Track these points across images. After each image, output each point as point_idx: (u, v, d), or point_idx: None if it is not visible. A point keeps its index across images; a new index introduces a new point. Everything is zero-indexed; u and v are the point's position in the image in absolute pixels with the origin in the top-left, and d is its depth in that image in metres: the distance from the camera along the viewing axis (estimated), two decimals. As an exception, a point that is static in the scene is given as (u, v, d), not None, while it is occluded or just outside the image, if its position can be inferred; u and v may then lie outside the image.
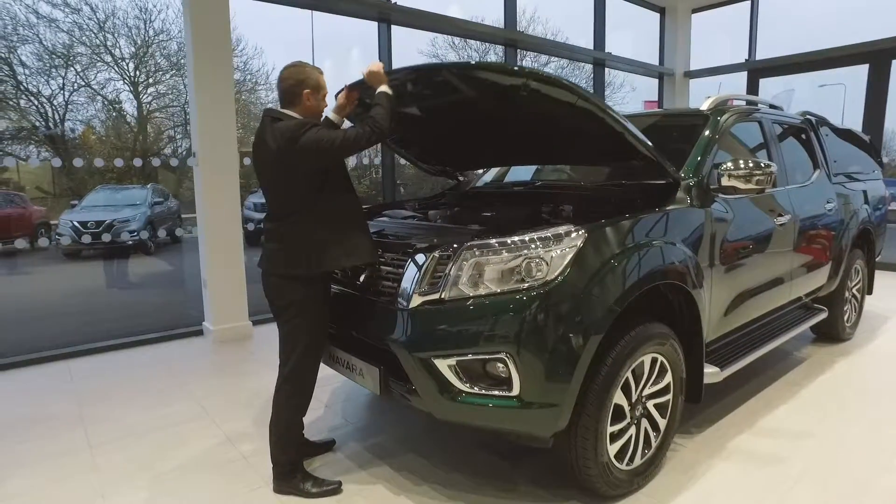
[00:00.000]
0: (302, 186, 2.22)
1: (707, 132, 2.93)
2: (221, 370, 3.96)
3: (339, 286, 2.54)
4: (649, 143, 2.38)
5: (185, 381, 3.70)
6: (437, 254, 2.11)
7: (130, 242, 7.45)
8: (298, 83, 2.26)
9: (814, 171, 3.91)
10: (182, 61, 16.69)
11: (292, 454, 2.40)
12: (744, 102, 3.59)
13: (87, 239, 9.81)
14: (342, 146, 2.17)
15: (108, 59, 15.66)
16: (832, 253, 3.88)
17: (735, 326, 3.03)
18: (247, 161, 4.93)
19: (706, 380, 2.64)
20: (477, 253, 2.05)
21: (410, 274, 2.16)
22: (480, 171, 4.07)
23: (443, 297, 2.06)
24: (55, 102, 16.10)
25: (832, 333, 4.25)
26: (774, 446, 2.73)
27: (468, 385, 2.04)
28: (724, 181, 2.69)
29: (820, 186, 3.84)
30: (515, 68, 2.20)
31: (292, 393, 2.36)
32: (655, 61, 8.81)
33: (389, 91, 2.29)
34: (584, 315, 2.02)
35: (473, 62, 3.14)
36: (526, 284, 2.01)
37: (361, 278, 2.40)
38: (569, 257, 2.03)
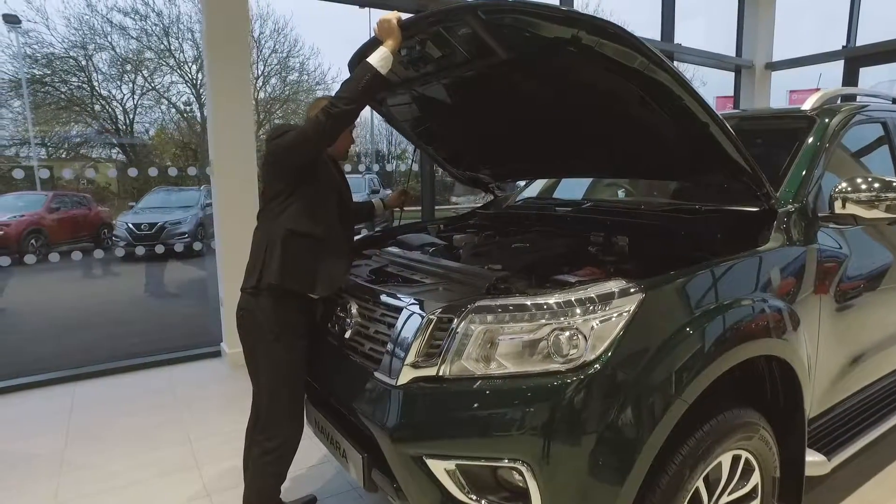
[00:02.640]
0: (269, 190, 2.02)
1: (812, 139, 2.21)
2: (227, 402, 3.59)
3: (331, 338, 2.05)
4: (744, 149, 1.73)
5: (184, 416, 3.34)
6: (435, 314, 1.57)
7: (181, 245, 7.31)
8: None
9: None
10: (241, 62, 16.94)
11: None
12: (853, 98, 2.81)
13: (139, 241, 9.93)
14: (290, 146, 1.88)
15: (172, 62, 16.09)
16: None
17: (847, 395, 2.32)
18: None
19: (808, 471, 1.97)
20: (489, 318, 1.49)
21: (401, 337, 1.62)
22: (522, 182, 3.48)
23: (441, 373, 1.52)
24: (126, 106, 16.75)
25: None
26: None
27: (473, 497, 1.49)
28: (840, 208, 1.99)
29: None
30: (563, 13, 1.56)
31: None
32: (731, 52, 7.84)
33: (386, 53, 1.80)
34: (637, 412, 1.41)
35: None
36: (554, 366, 1.43)
37: (347, 333, 1.89)
38: (616, 329, 1.43)
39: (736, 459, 1.72)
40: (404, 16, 1.83)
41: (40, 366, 4.17)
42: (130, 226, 10.07)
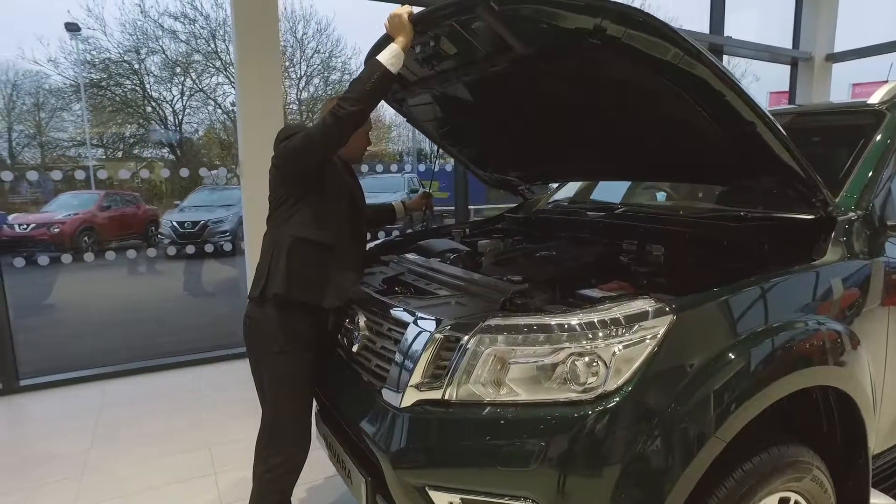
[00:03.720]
0: (276, 195, 1.96)
1: (881, 137, 1.95)
2: (250, 407, 3.51)
3: (340, 350, 1.94)
4: (797, 151, 1.52)
5: (207, 420, 3.32)
6: (442, 332, 1.43)
7: (222, 244, 7.46)
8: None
9: None
10: (285, 64, 17.25)
11: None
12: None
13: (183, 239, 10.17)
14: (297, 150, 1.78)
15: (218, 63, 16.52)
16: None
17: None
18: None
19: (870, 515, 1.74)
20: (499, 338, 1.35)
21: (406, 356, 1.50)
22: (555, 184, 3.30)
23: (447, 397, 1.38)
24: (175, 107, 17.32)
25: None
26: None
27: (479, 535, 1.35)
28: (913, 216, 1.75)
29: None
30: (584, 1, 1.38)
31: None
32: (787, 43, 7.37)
33: (397, 51, 1.70)
34: (664, 452, 1.24)
35: None
36: (572, 395, 1.27)
37: (355, 347, 1.78)
38: (642, 356, 1.26)
39: (783, 502, 1.51)
40: (417, 8, 1.70)
41: (79, 362, 4.27)
42: (175, 224, 10.33)
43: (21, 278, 7.09)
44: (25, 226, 9.45)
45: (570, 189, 3.17)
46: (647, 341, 1.26)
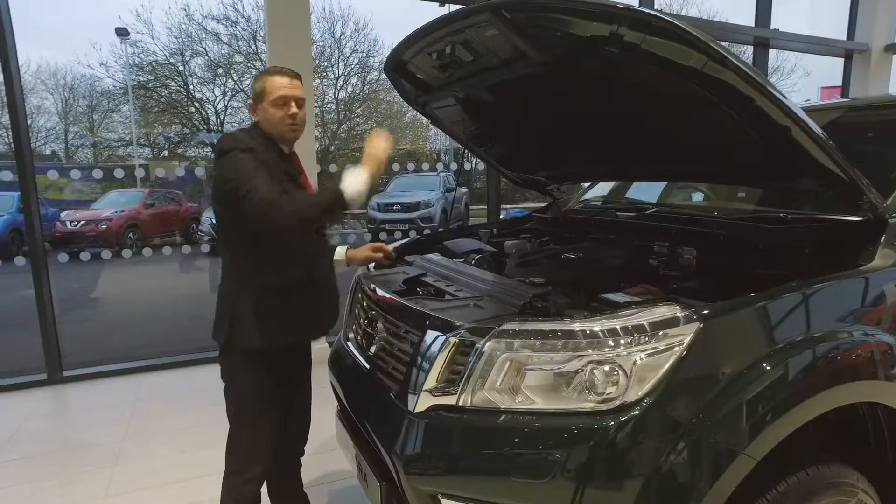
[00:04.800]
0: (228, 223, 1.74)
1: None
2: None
3: (357, 351, 1.92)
4: (838, 154, 1.41)
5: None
6: (458, 336, 1.39)
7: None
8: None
9: None
10: (323, 64, 17.51)
11: None
12: None
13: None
14: (248, 202, 1.54)
15: (259, 64, 16.88)
16: None
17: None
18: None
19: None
20: (516, 344, 1.30)
21: (421, 359, 1.46)
22: (586, 184, 3.21)
23: (462, 403, 1.34)
24: (217, 107, 17.80)
25: None
26: None
27: (493, 546, 1.30)
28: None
29: None
30: (597, 7, 1.31)
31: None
32: (841, 35, 7.01)
33: (362, 186, 1.63)
34: (686, 470, 1.17)
35: None
36: (589, 404, 1.21)
37: (373, 348, 1.76)
38: (665, 366, 1.19)
39: (824, 526, 1.41)
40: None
41: (120, 355, 4.40)
42: (213, 220, 10.61)
43: (68, 273, 7.41)
44: (76, 222, 9.87)
45: (603, 188, 3.08)
46: (672, 350, 1.19)
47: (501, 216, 5.35)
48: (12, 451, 2.98)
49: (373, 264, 2.18)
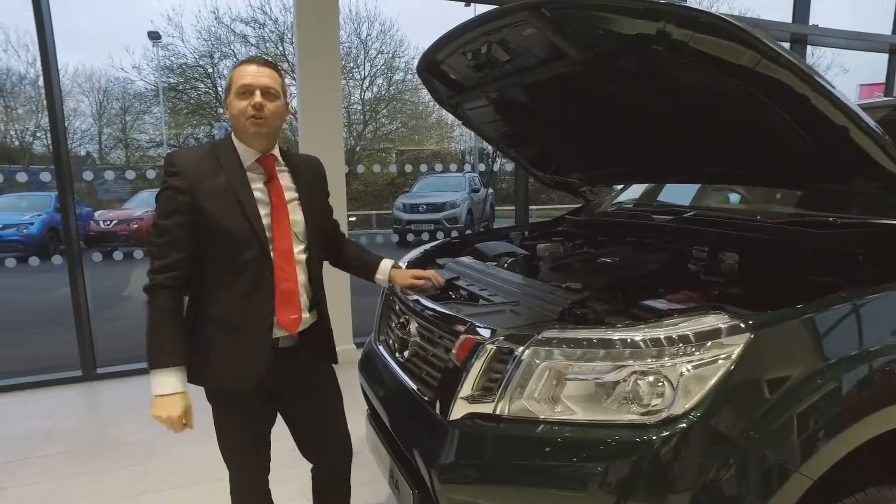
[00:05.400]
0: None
1: None
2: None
3: (389, 353, 1.91)
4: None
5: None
6: (495, 343, 1.36)
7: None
8: None
9: None
10: (349, 65, 17.64)
11: None
12: None
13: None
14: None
15: (285, 65, 17.07)
16: None
17: None
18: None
19: None
20: (555, 352, 1.26)
21: (457, 366, 1.43)
22: (619, 185, 3.14)
23: (499, 411, 1.31)
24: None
25: None
26: None
27: (531, 561, 1.27)
28: None
29: None
30: (643, 4, 1.26)
31: None
32: (886, 30, 6.76)
33: (155, 390, 1.49)
34: (734, 490, 1.11)
35: None
36: (634, 416, 1.17)
37: (406, 353, 1.74)
38: (713, 378, 1.14)
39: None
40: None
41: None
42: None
43: (100, 272, 7.57)
44: (108, 221, 10.11)
45: (636, 191, 3.01)
46: (721, 361, 1.14)
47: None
48: (50, 446, 3.04)
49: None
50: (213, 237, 1.47)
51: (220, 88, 17.49)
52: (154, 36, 16.15)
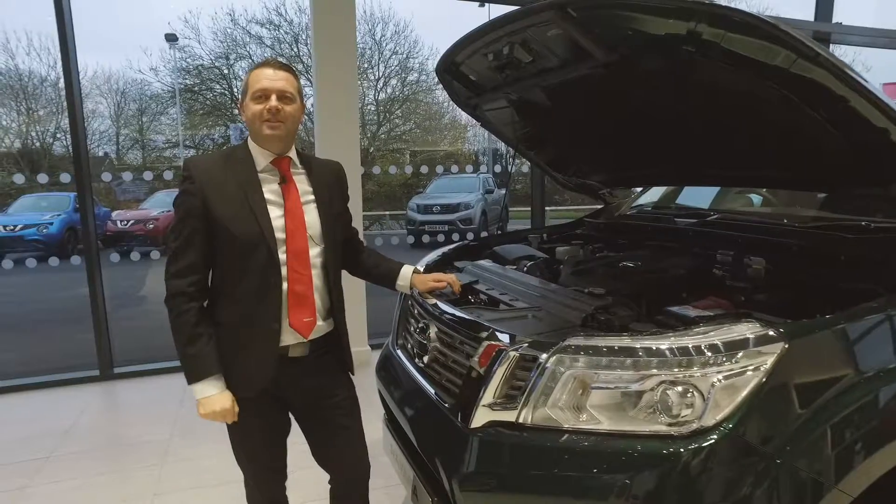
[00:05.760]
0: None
1: None
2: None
3: (408, 358, 1.89)
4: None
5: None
6: (518, 349, 1.33)
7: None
8: None
9: None
10: (364, 66, 17.67)
11: None
12: None
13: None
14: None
15: (300, 66, 17.17)
16: None
17: None
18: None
19: None
20: (581, 360, 1.23)
21: (478, 372, 1.41)
22: (639, 188, 3.10)
23: (522, 420, 1.28)
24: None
25: None
26: None
27: (555, 574, 1.24)
28: None
29: None
30: (674, 3, 1.23)
31: None
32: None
33: (198, 394, 1.50)
34: (772, 502, 1.08)
35: None
36: (662, 427, 1.14)
37: (425, 358, 1.71)
38: (746, 389, 1.10)
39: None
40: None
41: (169, 353, 4.50)
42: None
43: (117, 272, 7.65)
44: (125, 221, 10.22)
45: (654, 193, 2.97)
46: (753, 372, 1.11)
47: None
48: (69, 445, 3.06)
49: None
50: (223, 240, 1.46)
51: (235, 90, 17.64)
52: (171, 38, 16.31)
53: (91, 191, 3.91)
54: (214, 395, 1.48)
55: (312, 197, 1.59)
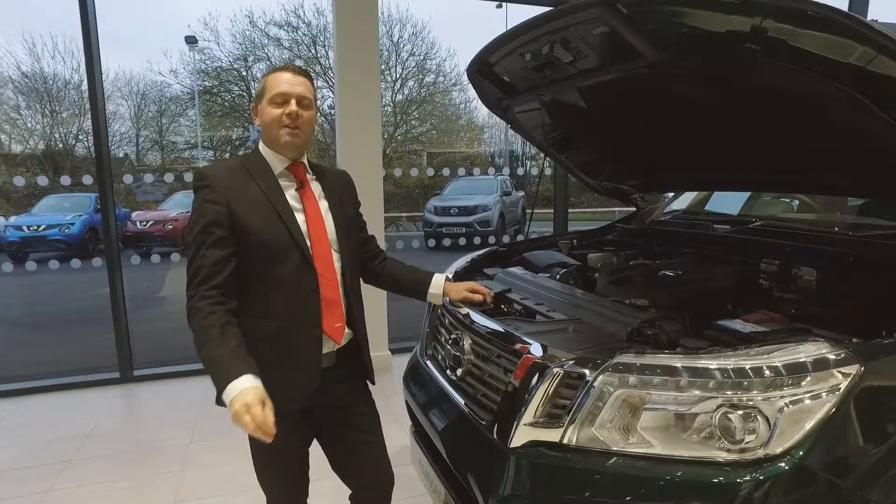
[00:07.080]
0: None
1: None
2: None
3: (438, 370, 1.82)
4: None
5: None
6: (562, 366, 1.26)
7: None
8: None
9: None
10: (381, 67, 17.73)
11: None
12: None
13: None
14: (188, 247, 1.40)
15: (318, 68, 17.24)
16: None
17: None
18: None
19: None
20: (631, 379, 1.15)
21: (518, 389, 1.33)
22: (671, 194, 3.00)
23: (566, 440, 1.21)
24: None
25: None
26: None
27: None
28: None
29: None
30: None
31: None
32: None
33: (228, 396, 1.26)
34: (850, 539, 1.00)
35: None
36: (721, 453, 1.06)
37: (459, 371, 1.65)
38: (818, 415, 1.02)
39: None
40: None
41: (189, 355, 4.48)
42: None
43: (136, 273, 7.70)
44: (144, 222, 10.31)
45: (684, 199, 2.87)
46: (826, 396, 1.02)
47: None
48: (90, 449, 3.05)
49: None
50: (252, 248, 1.41)
51: (253, 91, 17.73)
52: (191, 40, 16.46)
53: (112, 192, 3.91)
54: (249, 387, 1.26)
55: (326, 203, 1.56)
